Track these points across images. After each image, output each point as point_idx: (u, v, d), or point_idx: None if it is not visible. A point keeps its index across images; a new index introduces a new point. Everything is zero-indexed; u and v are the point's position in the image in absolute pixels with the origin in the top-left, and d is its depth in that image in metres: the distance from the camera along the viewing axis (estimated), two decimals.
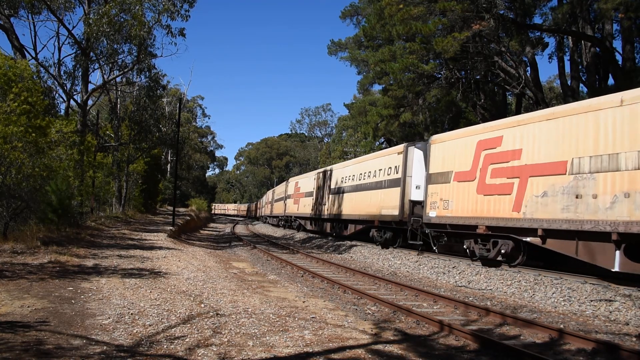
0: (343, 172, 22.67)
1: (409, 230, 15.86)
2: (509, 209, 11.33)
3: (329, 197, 23.95)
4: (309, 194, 28.27)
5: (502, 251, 11.78)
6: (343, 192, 22.01)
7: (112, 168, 26.06)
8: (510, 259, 11.95)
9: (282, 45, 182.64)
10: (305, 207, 28.98)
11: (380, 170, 18.26)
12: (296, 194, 31.99)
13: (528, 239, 11.02)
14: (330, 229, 24.12)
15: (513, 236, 11.46)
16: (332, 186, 23.53)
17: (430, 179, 14.69)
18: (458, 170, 13.43)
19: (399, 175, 16.48)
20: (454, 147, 13.75)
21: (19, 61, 16.52)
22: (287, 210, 34.82)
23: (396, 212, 16.27)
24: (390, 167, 17.37)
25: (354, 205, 20.41)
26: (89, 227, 16.70)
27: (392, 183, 16.99)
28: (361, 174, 20.12)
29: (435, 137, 15.11)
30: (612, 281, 9.72)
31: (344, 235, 22.30)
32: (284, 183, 38.61)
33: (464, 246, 13.22)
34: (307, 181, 29.78)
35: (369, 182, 19.13)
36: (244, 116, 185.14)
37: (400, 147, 17.10)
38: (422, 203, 15.27)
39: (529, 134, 11.13)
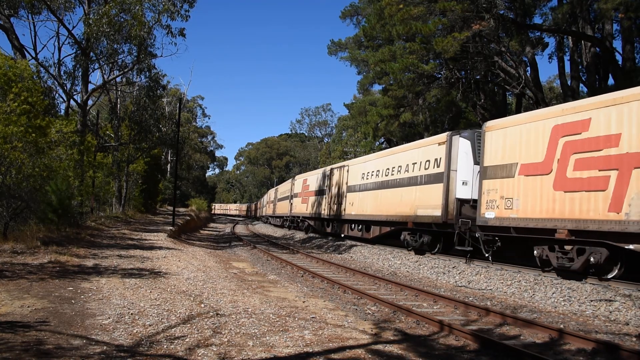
0: (364, 167, 20.40)
1: (456, 233, 13.55)
2: (603, 208, 9.22)
3: (345, 196, 21.87)
4: (320, 193, 26.03)
5: (592, 261, 9.68)
6: (364, 190, 19.82)
7: (112, 168, 26.06)
8: (602, 271, 9.89)
9: (282, 45, 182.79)
10: (316, 206, 26.62)
11: (414, 164, 15.98)
12: (304, 193, 29.73)
13: (631, 247, 8.91)
14: (347, 231, 22.06)
15: (608, 242, 9.33)
16: (350, 183, 21.53)
17: (485, 173, 12.38)
18: (525, 162, 11.22)
19: (441, 169, 14.33)
20: (518, 134, 11.52)
21: (19, 61, 16.53)
22: (293, 210, 32.86)
23: (438, 213, 14.06)
24: (428, 161, 15.15)
25: (379, 205, 18.19)
26: (89, 227, 16.71)
27: (432, 179, 14.81)
28: (388, 169, 17.83)
29: (492, 123, 12.68)
30: (612, 281, 9.71)
31: (365, 238, 20.16)
32: (289, 181, 36.55)
33: (535, 254, 11.12)
34: (317, 178, 27.28)
35: (399, 178, 16.89)
36: (244, 116, 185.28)
37: (442, 136, 14.87)
38: (470, 202, 13.50)
39: (631, 113, 8.96)
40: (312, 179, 28.77)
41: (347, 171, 22.22)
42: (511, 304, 9.27)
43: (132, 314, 6.24)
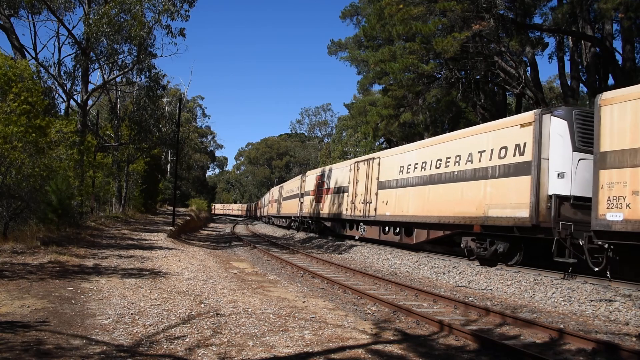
0: (402, 159, 17.23)
1: (556, 240, 10.48)
2: None
3: (376, 194, 18.80)
4: (339, 190, 22.69)
5: None
6: (404, 186, 16.76)
7: (112, 168, 26.07)
8: None
9: (282, 45, 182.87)
10: (335, 206, 23.23)
11: (481, 152, 12.91)
12: (319, 190, 26.29)
13: None
14: (379, 235, 18.76)
15: None
16: (383, 179, 18.47)
17: (604, 160, 9.42)
18: None
19: (526, 157, 11.36)
20: None
21: (19, 61, 16.54)
22: (303, 210, 29.73)
23: (524, 214, 11.11)
24: (504, 147, 12.16)
25: (427, 204, 15.09)
26: (89, 227, 16.70)
27: (511, 170, 11.78)
28: (440, 159, 14.73)
29: (612, 94, 9.65)
30: (612, 281, 9.71)
31: (405, 244, 16.86)
32: (298, 178, 33.69)
33: None
34: (335, 174, 23.93)
35: (458, 171, 13.73)
36: (244, 116, 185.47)
37: (526, 115, 11.88)
38: (569, 199, 10.76)
39: None
40: (328, 174, 25.35)
41: (378, 164, 19.07)
42: (511, 304, 9.27)
43: (132, 314, 6.24)
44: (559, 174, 10.98)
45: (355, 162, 21.75)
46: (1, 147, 12.02)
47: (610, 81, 24.08)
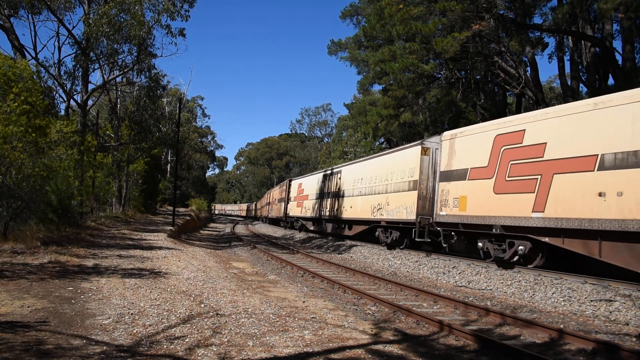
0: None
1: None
2: None
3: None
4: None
5: None
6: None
7: (112, 168, 26.06)
8: None
9: (282, 45, 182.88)
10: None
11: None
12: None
13: None
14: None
15: None
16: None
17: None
18: None
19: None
20: None
21: (18, 61, 16.53)
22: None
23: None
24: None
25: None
26: (89, 227, 16.70)
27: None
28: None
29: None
30: (612, 281, 9.71)
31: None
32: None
33: None
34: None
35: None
36: (244, 116, 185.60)
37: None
38: None
39: None
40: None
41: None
42: (511, 304, 9.27)
43: (132, 314, 6.24)
44: None
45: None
46: (1, 147, 12.02)
47: (610, 81, 24.11)
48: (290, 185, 35.47)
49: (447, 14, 20.42)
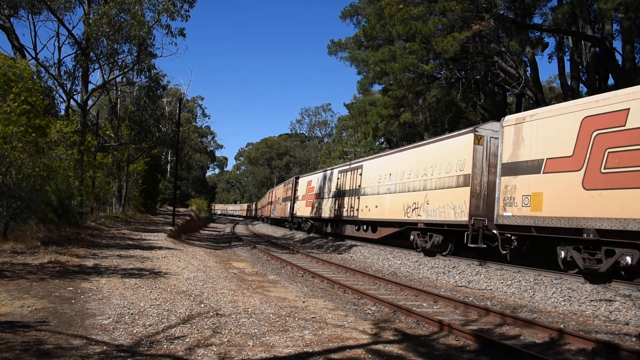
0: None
1: None
2: None
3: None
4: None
5: None
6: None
7: (112, 168, 26.07)
8: None
9: (282, 45, 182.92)
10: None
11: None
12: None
13: None
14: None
15: None
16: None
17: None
18: None
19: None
20: None
21: (18, 61, 16.54)
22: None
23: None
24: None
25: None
26: (89, 227, 16.70)
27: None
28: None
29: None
30: (612, 281, 9.71)
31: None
32: (330, 170, 26.38)
33: None
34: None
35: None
36: (244, 116, 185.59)
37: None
38: None
39: None
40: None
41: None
42: (511, 304, 9.27)
43: (132, 314, 6.24)
44: None
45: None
46: (1, 147, 12.02)
47: (610, 81, 24.10)
48: (297, 183, 32.95)
49: (447, 14, 20.41)
